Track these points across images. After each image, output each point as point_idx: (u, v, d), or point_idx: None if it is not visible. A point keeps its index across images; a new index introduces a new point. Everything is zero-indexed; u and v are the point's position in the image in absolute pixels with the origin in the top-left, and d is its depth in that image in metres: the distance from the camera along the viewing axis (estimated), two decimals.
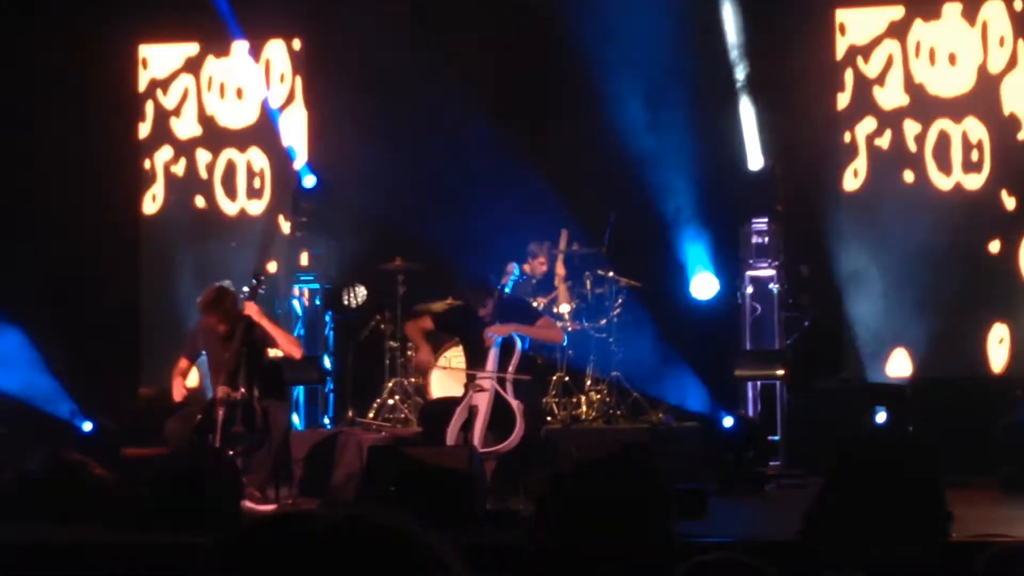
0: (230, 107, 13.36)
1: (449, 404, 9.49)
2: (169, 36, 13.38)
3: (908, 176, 12.07)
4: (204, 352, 9.90)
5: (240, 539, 1.53)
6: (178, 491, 7.86)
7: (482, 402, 9.24)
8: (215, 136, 13.38)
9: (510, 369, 9.35)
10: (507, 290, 9.69)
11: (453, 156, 12.10)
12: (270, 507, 8.92)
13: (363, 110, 12.33)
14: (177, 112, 13.41)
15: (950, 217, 11.88)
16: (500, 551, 6.56)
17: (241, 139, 13.35)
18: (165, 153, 13.44)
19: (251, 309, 9.59)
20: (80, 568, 6.94)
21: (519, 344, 9.44)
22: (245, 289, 9.87)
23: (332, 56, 12.85)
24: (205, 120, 13.38)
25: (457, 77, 11.84)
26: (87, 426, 11.28)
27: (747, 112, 11.89)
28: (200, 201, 13.38)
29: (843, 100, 12.25)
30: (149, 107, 13.43)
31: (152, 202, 13.43)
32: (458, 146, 12.00)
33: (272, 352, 9.83)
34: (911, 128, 12.08)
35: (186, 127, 13.44)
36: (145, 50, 13.41)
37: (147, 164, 13.39)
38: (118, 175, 13.28)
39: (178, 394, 9.70)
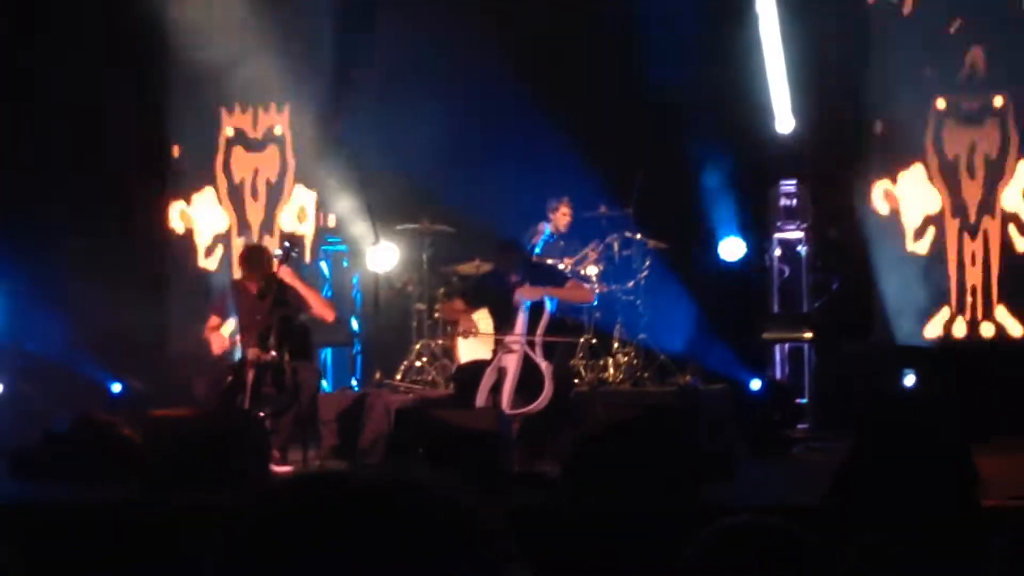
0: None
1: (482, 366, 9.48)
2: None
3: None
4: (235, 313, 9.91)
5: (270, 499, 1.42)
6: (206, 452, 7.87)
7: (511, 364, 9.24)
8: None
9: (539, 331, 9.34)
10: (537, 250, 9.63)
11: (480, 116, 12.03)
12: (288, 468, 8.93)
13: (388, 70, 12.28)
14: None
15: None
16: (527, 512, 6.57)
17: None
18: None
19: (284, 272, 9.60)
20: (106, 528, 6.96)
21: (548, 306, 9.43)
22: (278, 252, 9.88)
23: (357, 16, 12.77)
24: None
25: (483, 35, 11.78)
26: (116, 387, 11.32)
27: (777, 73, 11.80)
28: None
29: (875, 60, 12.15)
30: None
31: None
32: (485, 106, 11.94)
33: (302, 316, 9.83)
34: None
35: None
36: None
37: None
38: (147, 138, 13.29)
39: (219, 347, 9.71)
